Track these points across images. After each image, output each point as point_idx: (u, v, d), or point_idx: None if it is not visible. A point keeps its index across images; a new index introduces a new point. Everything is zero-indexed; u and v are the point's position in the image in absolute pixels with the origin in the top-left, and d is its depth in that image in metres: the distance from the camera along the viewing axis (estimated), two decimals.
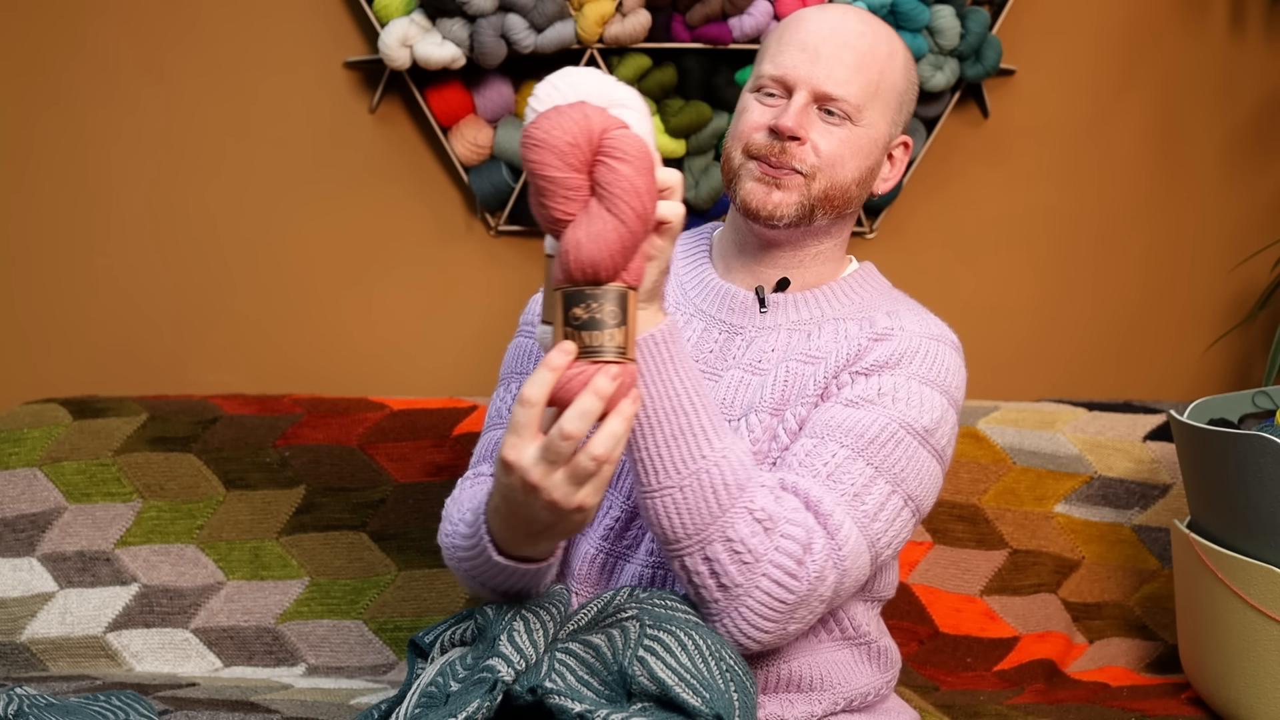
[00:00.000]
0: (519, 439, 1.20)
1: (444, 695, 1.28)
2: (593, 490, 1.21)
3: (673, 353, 1.33)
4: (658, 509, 1.34)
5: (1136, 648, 2.21)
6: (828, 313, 1.57)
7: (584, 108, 1.21)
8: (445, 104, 2.40)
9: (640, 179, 1.20)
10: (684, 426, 1.33)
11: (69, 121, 2.42)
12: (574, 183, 1.20)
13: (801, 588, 1.35)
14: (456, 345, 2.51)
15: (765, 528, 1.34)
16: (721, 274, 1.62)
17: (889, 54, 1.55)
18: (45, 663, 2.02)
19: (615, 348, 1.19)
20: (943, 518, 2.22)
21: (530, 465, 1.20)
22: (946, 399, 1.50)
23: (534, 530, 1.28)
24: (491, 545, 1.34)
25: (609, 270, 1.19)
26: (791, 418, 1.49)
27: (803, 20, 1.55)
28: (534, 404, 1.18)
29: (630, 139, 1.21)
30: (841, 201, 1.55)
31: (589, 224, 1.19)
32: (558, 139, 1.19)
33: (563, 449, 1.18)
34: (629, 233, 1.19)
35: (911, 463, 1.46)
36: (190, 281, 2.46)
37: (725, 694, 1.25)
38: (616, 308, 1.19)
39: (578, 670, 1.27)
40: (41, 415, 2.16)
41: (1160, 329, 2.65)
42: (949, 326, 1.59)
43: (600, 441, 1.18)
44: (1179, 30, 2.61)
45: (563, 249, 1.20)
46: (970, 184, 2.59)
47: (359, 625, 2.10)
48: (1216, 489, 1.86)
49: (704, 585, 1.35)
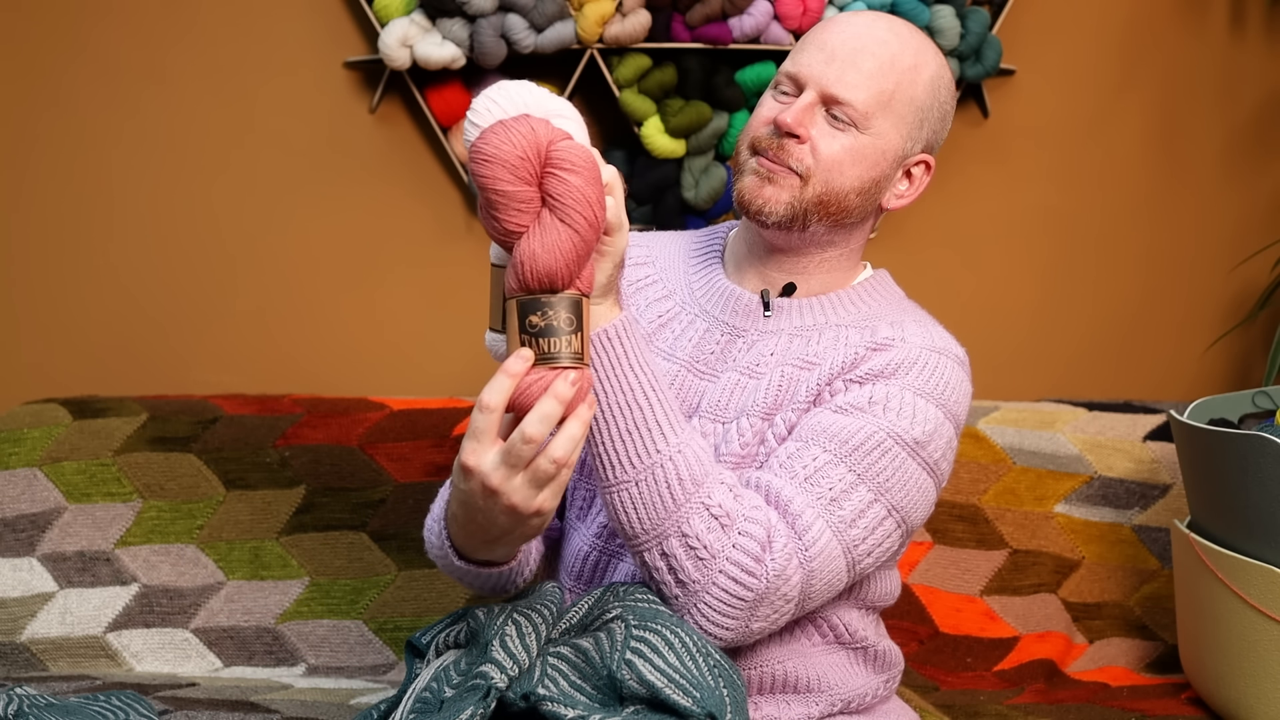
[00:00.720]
0: (478, 444, 1.21)
1: (438, 701, 1.28)
2: (551, 494, 1.23)
3: (627, 348, 1.34)
4: (615, 504, 1.35)
5: (1136, 648, 2.21)
6: (831, 319, 1.56)
7: (529, 121, 1.24)
8: (445, 104, 2.40)
9: (590, 189, 1.23)
10: (638, 421, 1.33)
11: (69, 122, 2.42)
12: (525, 195, 1.23)
13: (760, 585, 1.35)
14: (456, 345, 2.51)
15: (722, 524, 1.34)
16: (732, 274, 1.61)
17: (913, 66, 1.51)
18: (45, 663, 2.02)
19: (572, 354, 1.22)
20: (943, 518, 2.22)
21: (490, 470, 1.21)
22: (943, 413, 1.47)
23: (491, 536, 1.30)
24: (452, 550, 1.38)
25: (565, 279, 1.22)
26: (781, 422, 1.49)
27: (832, 23, 1.54)
28: (493, 410, 1.20)
29: (578, 149, 1.24)
30: (838, 210, 1.51)
31: (543, 235, 1.22)
32: (508, 153, 1.22)
33: (524, 453, 1.20)
34: (582, 241, 1.23)
35: (898, 474, 1.44)
36: (190, 281, 2.46)
37: (716, 691, 1.24)
38: (571, 314, 1.22)
39: (570, 675, 1.27)
40: (41, 415, 2.17)
41: (1160, 329, 2.65)
42: (956, 340, 1.56)
43: (559, 445, 1.20)
44: (1179, 30, 2.61)
45: (517, 260, 1.22)
46: (970, 184, 2.59)
47: (359, 625, 2.10)
48: (1216, 489, 1.86)
49: (663, 581, 1.36)
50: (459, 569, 1.41)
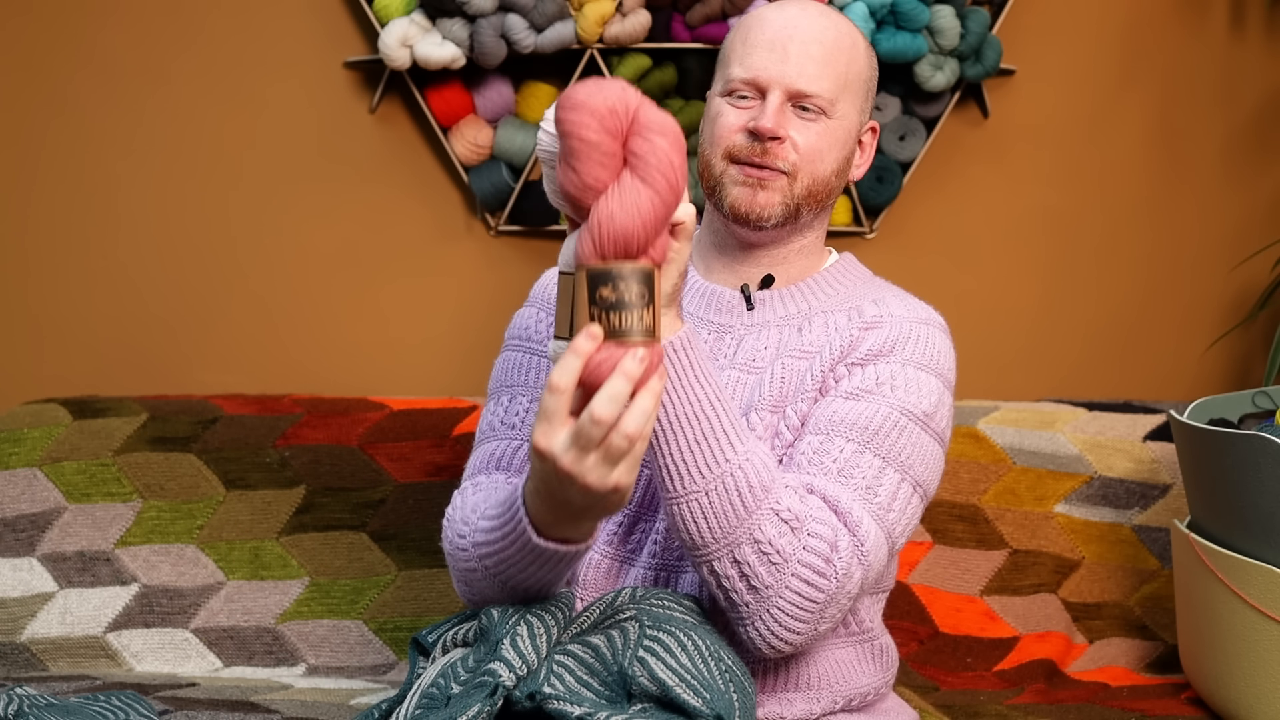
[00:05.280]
0: (549, 425, 1.19)
1: (445, 697, 1.28)
2: (627, 469, 1.20)
3: (692, 359, 1.34)
4: (684, 514, 1.34)
5: (1136, 648, 2.20)
6: (815, 305, 1.59)
7: (621, 83, 1.22)
8: (445, 104, 2.40)
9: (675, 154, 1.20)
10: (706, 431, 1.33)
11: (69, 123, 2.42)
12: (609, 148, 1.19)
13: (831, 586, 1.36)
14: (456, 345, 2.51)
15: (792, 528, 1.35)
16: (703, 274, 1.63)
17: (852, 44, 1.56)
18: (45, 663, 2.02)
19: (643, 329, 1.17)
20: (943, 518, 2.22)
21: (562, 452, 1.19)
22: (941, 381, 1.52)
23: (574, 511, 1.27)
24: (531, 528, 1.32)
25: (641, 243, 1.19)
26: (793, 414, 1.50)
27: (765, 20, 1.56)
28: (563, 391, 1.17)
29: (665, 118, 1.21)
30: (824, 194, 1.57)
31: (622, 195, 1.19)
32: (599, 103, 1.19)
33: (594, 434, 1.17)
34: (662, 204, 1.19)
35: (916, 449, 1.47)
36: (190, 281, 2.46)
37: (725, 694, 1.25)
38: (643, 287, 1.18)
39: (576, 670, 1.27)
40: (41, 415, 2.17)
41: (1160, 329, 2.65)
42: (934, 309, 1.60)
43: (632, 419, 1.17)
44: (1179, 30, 2.61)
45: (594, 221, 1.19)
46: (970, 184, 2.59)
47: (359, 625, 2.10)
48: (1216, 489, 1.86)
49: (734, 589, 1.36)
50: (531, 551, 1.33)
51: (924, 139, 2.50)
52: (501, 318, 2.38)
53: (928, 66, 2.42)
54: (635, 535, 1.53)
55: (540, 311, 1.63)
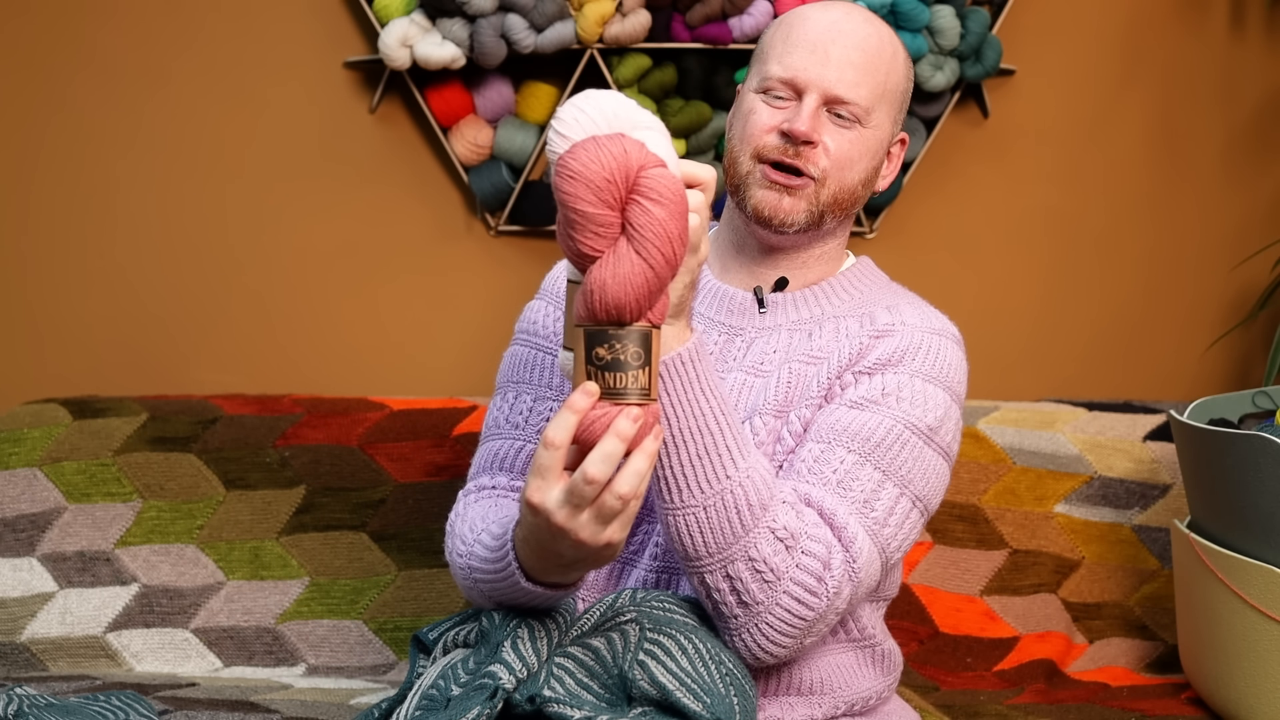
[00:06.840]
0: (543, 481, 1.19)
1: (445, 699, 1.28)
2: (619, 527, 1.20)
3: (698, 372, 1.32)
4: (679, 526, 1.33)
5: (1136, 648, 2.21)
6: (828, 310, 1.57)
7: (623, 141, 1.18)
8: (445, 104, 2.40)
9: (673, 223, 1.18)
10: (708, 446, 1.32)
11: (70, 123, 2.42)
12: (605, 219, 1.17)
13: (821, 604, 1.36)
14: (456, 345, 2.51)
15: (787, 546, 1.34)
16: (718, 275, 1.61)
17: (893, 55, 1.54)
18: (45, 663, 2.02)
19: (639, 389, 1.17)
20: (943, 518, 2.22)
21: (555, 508, 1.19)
22: (949, 395, 1.50)
23: (564, 563, 1.27)
24: (520, 573, 1.33)
25: (633, 313, 1.17)
26: (796, 420, 1.49)
27: (808, 19, 1.53)
28: (558, 447, 1.17)
29: (667, 180, 1.18)
30: (849, 202, 1.55)
31: (616, 265, 1.17)
32: (595, 173, 1.16)
33: (586, 493, 1.17)
34: (655, 277, 1.17)
35: (918, 463, 1.45)
36: (190, 281, 2.46)
37: (726, 698, 1.25)
38: (640, 349, 1.17)
39: (577, 673, 1.27)
40: (41, 415, 2.17)
41: (1160, 329, 2.65)
42: (949, 319, 1.58)
43: (625, 480, 1.17)
44: (1179, 30, 2.61)
45: (587, 288, 1.18)
46: (970, 184, 2.59)
47: (359, 625, 2.10)
48: (1216, 489, 1.86)
49: (724, 602, 1.35)
50: (521, 591, 1.34)
51: (924, 139, 2.50)
52: (501, 317, 2.39)
53: (928, 66, 2.42)
54: (637, 537, 1.52)
55: (549, 305, 1.61)
